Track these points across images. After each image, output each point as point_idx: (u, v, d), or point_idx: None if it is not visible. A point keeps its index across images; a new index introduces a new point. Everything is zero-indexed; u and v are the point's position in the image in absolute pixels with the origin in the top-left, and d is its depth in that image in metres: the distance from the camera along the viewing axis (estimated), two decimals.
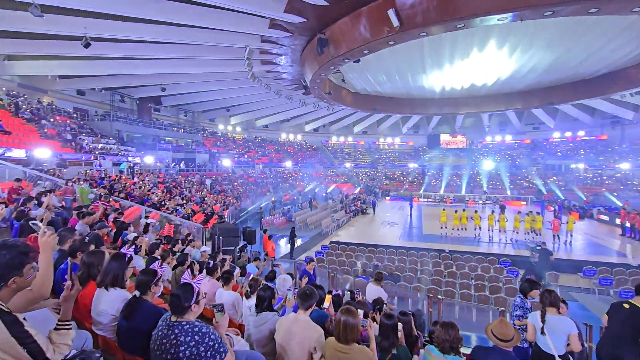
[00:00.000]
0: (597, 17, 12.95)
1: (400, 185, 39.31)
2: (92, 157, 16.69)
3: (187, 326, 2.06)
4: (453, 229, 17.36)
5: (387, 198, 35.57)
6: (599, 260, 12.31)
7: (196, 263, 5.47)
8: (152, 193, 14.85)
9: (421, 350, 3.36)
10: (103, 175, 14.09)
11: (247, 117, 35.88)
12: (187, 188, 19.65)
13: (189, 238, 8.68)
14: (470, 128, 41.22)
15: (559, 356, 3.25)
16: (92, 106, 23.62)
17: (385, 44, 13.01)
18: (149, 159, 21.86)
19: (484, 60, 18.84)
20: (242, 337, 3.09)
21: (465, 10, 10.50)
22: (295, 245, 14.53)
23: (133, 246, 5.04)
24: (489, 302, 8.09)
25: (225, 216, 16.46)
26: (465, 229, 17.34)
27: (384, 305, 4.32)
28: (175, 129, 28.80)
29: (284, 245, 15.82)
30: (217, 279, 4.71)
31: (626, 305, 3.38)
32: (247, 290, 3.90)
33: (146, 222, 8.37)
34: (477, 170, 38.43)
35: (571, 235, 15.65)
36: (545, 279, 10.02)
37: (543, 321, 3.40)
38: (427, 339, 4.09)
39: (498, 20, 11.04)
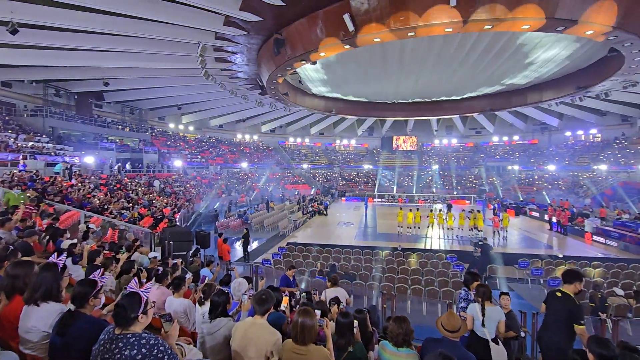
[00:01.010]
0: (527, 36, 14.40)
1: (355, 186, 40.30)
2: (21, 157, 14.90)
3: (133, 338, 1.91)
4: (408, 228, 18.17)
5: (343, 198, 36.26)
6: (531, 252, 13.67)
7: (144, 270, 5.13)
8: (93, 196, 13.66)
9: (376, 346, 3.46)
10: (34, 177, 12.65)
11: (200, 116, 34.41)
12: (134, 190, 18.38)
13: (135, 244, 8.11)
14: (420, 131, 43.45)
15: (492, 339, 3.64)
16: (20, 100, 21.08)
17: (341, 47, 13.29)
18: (90, 159, 20.08)
19: (429, 69, 20.01)
20: (195, 345, 2.96)
21: (416, 20, 11.08)
22: (249, 248, 14.22)
23: (64, 254, 4.59)
24: (437, 296, 8.58)
25: (177, 220, 15.65)
26: (419, 228, 18.25)
27: (341, 304, 4.39)
28: (120, 127, 26.75)
29: (240, 248, 15.42)
30: (168, 286, 4.46)
31: (558, 294, 3.77)
32: (200, 297, 3.74)
33: (86, 228, 7.67)
34: (426, 172, 40.76)
35: (506, 231, 17.17)
36: (487, 272, 10.88)
37: (483, 314, 3.74)
38: (382, 334, 4.23)
39: (446, 31, 11.80)
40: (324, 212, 26.06)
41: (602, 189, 27.44)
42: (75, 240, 5.81)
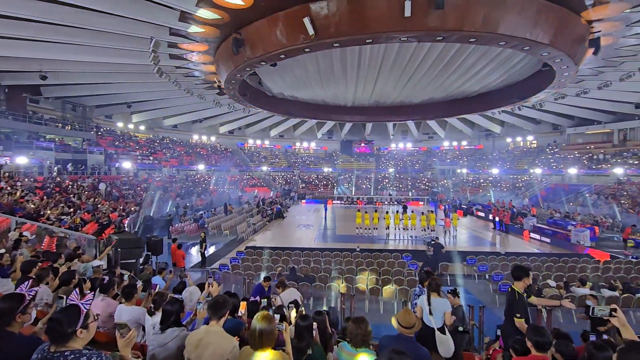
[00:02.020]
0: (473, 49, 15.52)
1: (315, 189, 40.57)
2: None
3: (72, 356, 1.75)
4: (367, 229, 18.62)
5: (303, 201, 36.30)
6: (478, 250, 14.70)
7: (87, 280, 4.72)
8: (27, 200, 12.34)
9: (335, 347, 3.49)
10: None
11: (152, 116, 32.44)
12: (76, 194, 16.89)
13: (77, 252, 7.45)
14: (377, 135, 44.89)
15: (438, 328, 3.96)
16: None
17: (301, 50, 13.34)
18: (23, 160, 18.11)
19: (386, 75, 20.78)
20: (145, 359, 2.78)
21: (373, 28, 11.45)
22: (206, 253, 13.70)
23: None
24: (394, 294, 8.89)
25: (125, 225, 14.62)
26: (377, 228, 18.79)
27: (300, 307, 4.38)
28: (60, 125, 24.43)
29: (196, 254, 14.79)
30: (115, 297, 4.15)
31: (510, 289, 4.20)
32: (151, 307, 3.52)
33: (18, 235, 6.90)
34: (383, 174, 42.23)
35: (456, 230, 18.30)
36: (439, 269, 11.48)
37: (429, 304, 4.10)
38: (341, 335, 4.28)
39: (401, 40, 12.33)
40: (284, 214, 25.90)
41: (537, 190, 30.26)
42: (2, 250, 5.20)
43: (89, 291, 4.39)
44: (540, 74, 18.42)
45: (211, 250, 15.29)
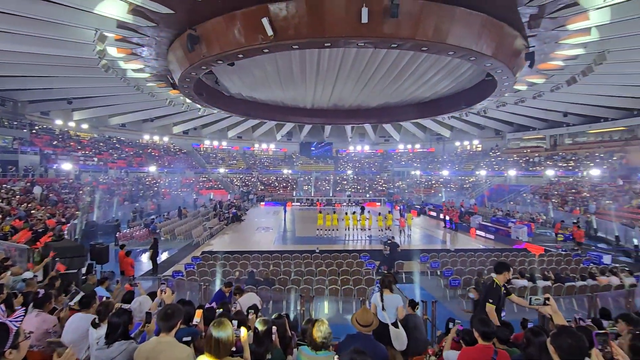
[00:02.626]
0: (425, 57, 16.38)
1: (274, 191, 40.18)
2: None
3: None
4: (327, 230, 18.79)
5: (262, 203, 35.78)
6: (430, 248, 15.50)
7: (19, 294, 4.24)
8: None
9: (295, 350, 3.48)
10: None
11: (97, 113, 29.86)
12: (5, 199, 15.11)
13: (5, 264, 6.66)
14: (336, 137, 45.59)
15: (391, 323, 4.14)
16: None
17: (260, 51, 13.16)
18: None
19: (344, 79, 21.21)
20: None
21: (331, 32, 11.63)
22: (158, 259, 12.97)
23: None
24: (352, 294, 9.06)
25: (65, 232, 13.35)
26: (337, 230, 19.02)
27: (259, 311, 4.31)
28: None
29: (147, 261, 13.92)
30: (52, 312, 3.77)
31: (491, 281, 4.51)
32: (95, 318, 3.26)
33: None
34: (342, 176, 43.01)
35: (410, 230, 19.13)
36: (395, 268, 11.92)
37: (382, 300, 4.32)
38: (301, 337, 4.28)
39: (358, 45, 12.66)
40: (242, 217, 25.32)
41: (482, 190, 32.64)
42: None
43: (20, 306, 3.95)
44: (484, 83, 19.90)
45: (164, 256, 14.49)
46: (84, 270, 8.93)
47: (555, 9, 11.57)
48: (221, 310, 4.14)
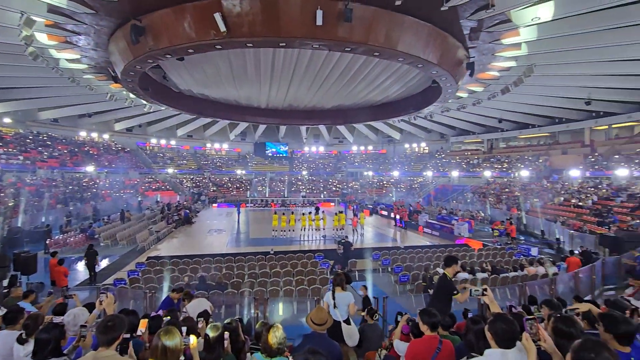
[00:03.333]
0: (377, 62, 17.01)
1: (227, 192, 39.02)
2: None
3: None
4: (282, 231, 18.62)
5: (214, 205, 34.56)
6: (382, 246, 16.11)
7: None
8: None
9: (248, 355, 3.41)
10: None
11: (23, 106, 26.37)
12: None
13: None
14: (291, 138, 45.49)
15: (343, 321, 4.24)
16: None
17: (211, 47, 12.71)
18: None
19: (299, 79, 21.28)
20: None
21: (286, 32, 11.60)
22: (97, 267, 11.92)
23: None
24: (307, 294, 9.10)
25: None
26: (292, 230, 18.94)
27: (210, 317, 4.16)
28: None
29: (83, 270, 12.72)
30: None
31: (442, 275, 4.86)
32: (22, 333, 2.91)
33: None
34: (297, 177, 43.08)
35: (363, 229, 19.72)
36: (348, 266, 12.20)
37: (334, 298, 4.40)
38: (254, 341, 4.20)
39: (313, 47, 12.77)
40: (193, 219, 24.23)
41: (429, 190, 34.67)
42: None
43: None
44: (431, 90, 21.17)
45: (103, 263, 13.35)
46: (5, 282, 7.91)
47: (491, 24, 12.68)
48: (169, 318, 3.92)
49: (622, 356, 2.20)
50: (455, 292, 4.55)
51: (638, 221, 15.10)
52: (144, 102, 23.31)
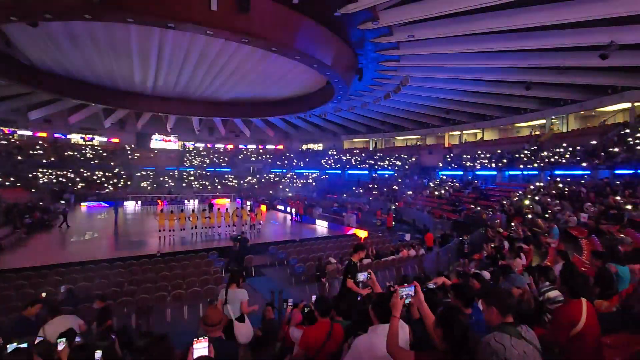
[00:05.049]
0: (276, 57, 17.07)
1: (102, 188, 33.45)
2: None
3: None
4: (172, 231, 16.94)
5: (84, 204, 29.28)
6: (279, 240, 16.33)
7: None
8: None
9: None
10: None
11: None
12: None
13: None
14: (182, 130, 41.72)
15: (235, 318, 4.27)
16: None
17: (79, 15, 10.67)
18: None
19: (191, 66, 19.73)
20: None
21: (177, 13, 10.59)
22: None
23: None
24: (200, 296, 8.59)
25: None
26: (184, 229, 17.42)
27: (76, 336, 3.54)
28: None
29: None
30: None
31: (348, 260, 5.20)
32: None
33: None
34: (189, 172, 39.95)
35: (260, 224, 19.65)
36: (245, 262, 12.00)
37: (226, 294, 4.44)
38: (137, 356, 3.77)
39: (207, 33, 11.98)
40: (53, 222, 20.02)
41: (323, 185, 36.75)
42: None
43: None
44: (325, 90, 22.40)
45: None
46: None
47: (375, 37, 14.15)
48: (17, 345, 3.17)
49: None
50: (349, 276, 4.96)
51: (479, 208, 19.11)
52: None
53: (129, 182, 35.22)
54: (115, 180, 35.22)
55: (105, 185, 34.25)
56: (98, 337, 3.05)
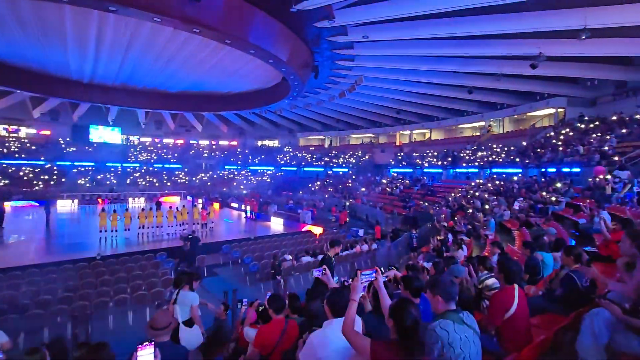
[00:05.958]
0: (229, 50, 16.49)
1: (30, 186, 29.94)
2: None
3: None
4: (114, 231, 15.65)
5: (7, 203, 25.98)
6: (233, 238, 15.91)
7: None
8: None
9: None
10: None
11: None
12: None
13: None
14: (125, 123, 38.73)
15: (182, 322, 4.17)
16: None
17: None
18: None
19: (138, 53, 18.40)
20: None
21: (124, 1, 9.80)
22: None
23: None
24: (146, 299, 8.10)
25: None
26: (129, 229, 16.18)
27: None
28: None
29: None
30: None
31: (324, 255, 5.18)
32: None
33: None
34: (133, 168, 37.25)
35: (212, 222, 18.98)
36: (196, 262, 11.51)
37: (177, 296, 4.31)
38: None
39: (154, 20, 11.23)
40: None
41: (278, 182, 36.44)
42: None
43: None
44: (280, 86, 22.17)
45: None
46: None
47: (331, 35, 14.31)
48: None
49: None
50: (323, 267, 5.01)
51: (426, 204, 20.27)
52: None
53: (62, 179, 31.91)
54: (46, 177, 31.71)
55: (35, 182, 30.74)
56: (27, 351, 2.71)
